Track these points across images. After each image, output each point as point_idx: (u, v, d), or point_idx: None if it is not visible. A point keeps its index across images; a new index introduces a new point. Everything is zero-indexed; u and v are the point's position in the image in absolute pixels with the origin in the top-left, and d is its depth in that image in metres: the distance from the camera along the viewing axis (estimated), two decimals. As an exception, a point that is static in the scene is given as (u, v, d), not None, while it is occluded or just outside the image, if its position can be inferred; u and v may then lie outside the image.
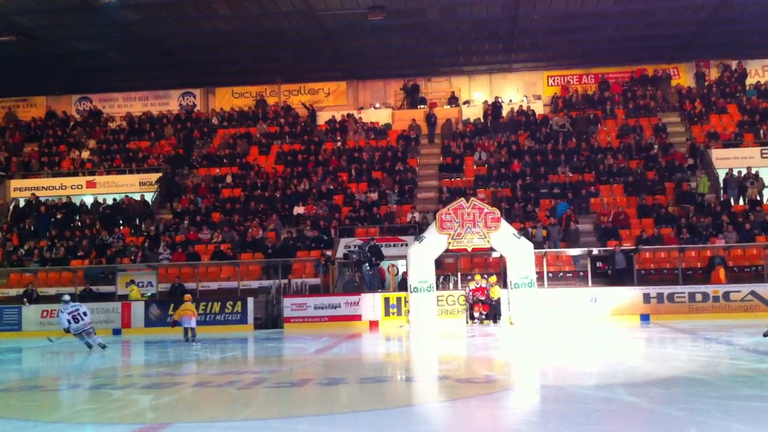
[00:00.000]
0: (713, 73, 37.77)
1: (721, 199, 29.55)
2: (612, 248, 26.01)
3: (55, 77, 38.26)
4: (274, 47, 34.48)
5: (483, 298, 24.15)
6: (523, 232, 26.15)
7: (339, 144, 35.37)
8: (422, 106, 37.84)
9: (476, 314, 24.17)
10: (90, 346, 19.14)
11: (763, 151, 31.68)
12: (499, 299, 24.08)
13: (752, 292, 23.74)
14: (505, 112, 36.39)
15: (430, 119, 35.97)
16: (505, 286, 24.35)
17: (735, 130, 33.34)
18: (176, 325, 21.63)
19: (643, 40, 34.51)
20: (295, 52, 35.23)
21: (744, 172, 30.21)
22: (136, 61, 35.98)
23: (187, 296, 21.95)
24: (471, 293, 24.40)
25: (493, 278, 25.01)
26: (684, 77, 37.98)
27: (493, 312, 24.08)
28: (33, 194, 34.13)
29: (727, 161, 31.35)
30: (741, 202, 29.91)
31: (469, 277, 25.77)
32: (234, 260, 28.10)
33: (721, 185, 30.37)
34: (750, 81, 36.84)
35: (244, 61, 36.71)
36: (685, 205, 28.88)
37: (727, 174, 30.39)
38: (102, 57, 35.34)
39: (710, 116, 34.61)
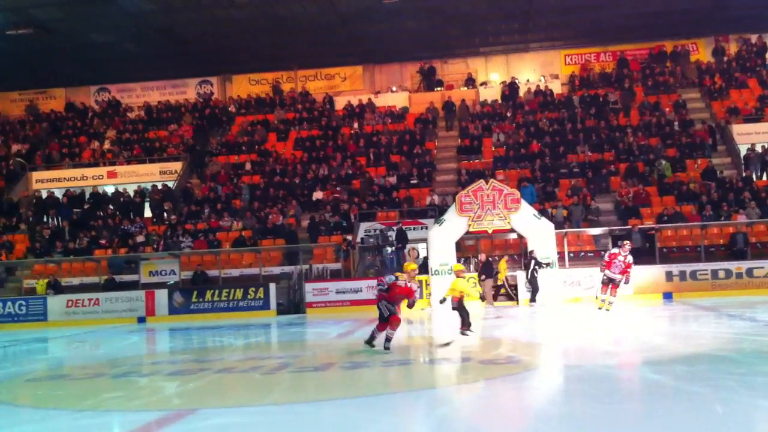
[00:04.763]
0: (732, 48, 37.34)
1: (743, 174, 29.25)
2: (630, 227, 25.87)
3: (73, 69, 38.48)
4: (289, 33, 34.42)
5: (393, 305, 13.17)
6: (543, 212, 26.05)
7: (356, 128, 35.34)
8: (439, 89, 37.71)
9: (387, 332, 13.14)
10: None
11: (785, 125, 31.33)
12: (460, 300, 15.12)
13: (776, 268, 23.53)
14: (522, 93, 36.20)
15: (448, 107, 35.70)
16: (526, 267, 24.31)
17: (756, 104, 32.98)
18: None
19: (660, 15, 34.11)
20: (311, 37, 35.15)
21: (765, 146, 29.89)
22: (153, 50, 36.09)
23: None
24: (388, 287, 13.38)
25: (409, 263, 15.62)
26: (703, 53, 37.59)
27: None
28: (50, 193, 34.45)
29: (748, 137, 31.04)
30: (764, 177, 29.61)
31: (407, 263, 15.73)
32: (255, 247, 28.23)
33: (743, 161, 30.09)
34: (770, 54, 36.39)
35: (259, 48, 36.68)
36: (707, 182, 28.64)
37: (748, 150, 30.09)
38: (118, 48, 35.48)
39: (730, 91, 34.24)
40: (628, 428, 7.43)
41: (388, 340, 13.19)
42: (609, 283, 19.12)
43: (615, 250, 19.35)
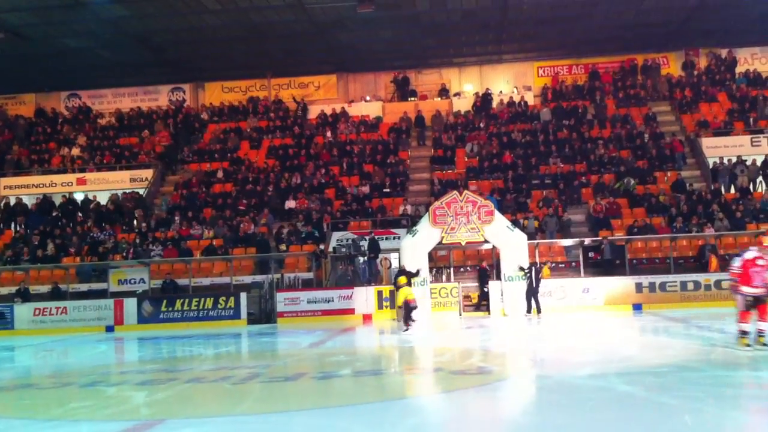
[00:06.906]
0: (702, 62, 37.80)
1: (712, 187, 29.59)
2: (601, 239, 26.09)
3: (44, 74, 38.08)
4: (263, 41, 34.32)
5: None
6: (515, 223, 26.15)
7: (330, 137, 35.29)
8: (413, 99, 37.77)
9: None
10: None
11: (753, 139, 31.76)
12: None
13: (744, 280, 23.71)
14: (495, 104, 36.39)
15: (420, 122, 35.74)
16: (498, 278, 24.35)
17: (725, 118, 33.39)
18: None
19: (632, 28, 34.42)
20: (285, 45, 35.08)
21: (734, 160, 30.31)
22: (125, 57, 35.80)
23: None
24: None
25: None
26: (673, 66, 37.99)
27: None
28: (19, 199, 34.15)
29: (717, 150, 31.41)
30: (732, 190, 29.99)
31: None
32: (226, 255, 28.04)
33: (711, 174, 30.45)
34: (739, 69, 36.85)
35: (233, 56, 36.55)
36: (677, 194, 28.94)
37: (716, 163, 30.47)
38: (91, 53, 35.12)
39: (700, 105, 34.63)
40: (599, 439, 7.45)
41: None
42: (754, 305, 12.54)
43: (748, 255, 12.66)
